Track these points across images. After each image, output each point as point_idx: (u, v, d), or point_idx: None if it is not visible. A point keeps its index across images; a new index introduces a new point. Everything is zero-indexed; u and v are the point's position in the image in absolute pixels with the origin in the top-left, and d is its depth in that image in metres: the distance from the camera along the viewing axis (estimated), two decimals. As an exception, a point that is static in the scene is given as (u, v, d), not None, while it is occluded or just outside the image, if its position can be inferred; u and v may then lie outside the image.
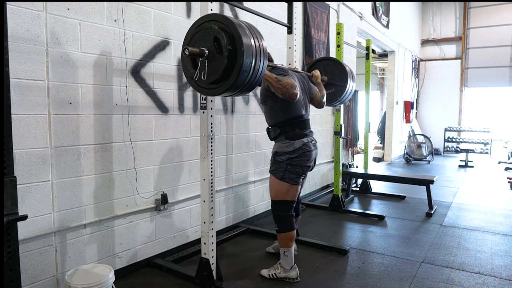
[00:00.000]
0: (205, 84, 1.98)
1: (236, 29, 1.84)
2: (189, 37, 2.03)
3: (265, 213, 4.30)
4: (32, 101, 2.09)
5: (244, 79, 1.90)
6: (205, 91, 2.02)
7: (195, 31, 1.99)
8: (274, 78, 2.36)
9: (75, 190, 2.35)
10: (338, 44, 4.90)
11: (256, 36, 1.94)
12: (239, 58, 1.84)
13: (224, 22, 1.90)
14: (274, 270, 2.67)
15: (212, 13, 2.04)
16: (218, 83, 1.94)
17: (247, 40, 1.86)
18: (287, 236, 2.57)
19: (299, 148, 2.53)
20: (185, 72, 2.08)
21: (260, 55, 1.92)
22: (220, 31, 1.87)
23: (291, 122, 2.57)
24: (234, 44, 1.85)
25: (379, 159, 9.16)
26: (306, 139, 2.57)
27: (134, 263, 2.78)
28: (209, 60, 1.93)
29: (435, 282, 2.69)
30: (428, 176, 4.87)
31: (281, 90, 2.37)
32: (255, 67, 1.91)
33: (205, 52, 1.91)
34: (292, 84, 2.37)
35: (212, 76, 1.93)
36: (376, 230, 3.88)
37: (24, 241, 2.09)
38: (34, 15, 2.07)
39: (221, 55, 1.87)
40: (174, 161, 3.03)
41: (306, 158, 2.57)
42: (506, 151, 9.72)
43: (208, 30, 1.92)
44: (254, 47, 1.89)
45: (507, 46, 10.28)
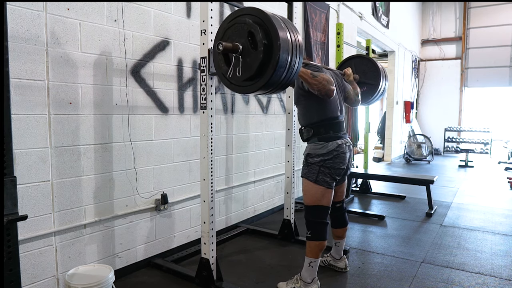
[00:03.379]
0: (239, 81, 1.89)
1: (271, 22, 1.75)
2: (221, 32, 1.95)
3: (265, 213, 4.30)
4: (32, 101, 2.09)
5: (280, 75, 1.81)
6: (239, 89, 1.94)
7: (228, 26, 1.90)
8: (309, 74, 2.22)
9: (75, 190, 2.35)
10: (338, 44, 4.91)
11: (292, 30, 1.85)
12: (275, 53, 1.75)
13: (258, 16, 1.81)
14: (294, 284, 2.45)
15: (246, 7, 1.94)
16: (252, 80, 1.85)
17: (283, 34, 1.76)
18: (318, 246, 2.37)
19: (332, 150, 2.38)
20: (217, 69, 1.99)
21: (297, 50, 1.83)
22: (255, 24, 1.78)
23: (326, 123, 2.44)
24: (269, 38, 1.76)
25: (379, 159, 9.16)
26: (340, 141, 2.43)
27: (134, 263, 2.78)
28: (243, 56, 1.84)
29: (435, 282, 2.69)
30: (428, 176, 4.87)
31: (317, 86, 2.23)
32: (291, 62, 1.82)
33: (239, 47, 1.82)
34: (328, 80, 2.24)
35: (246, 72, 1.83)
36: (376, 230, 3.88)
37: (24, 241, 2.09)
38: (34, 15, 2.07)
39: (255, 50, 1.78)
40: (174, 161, 3.03)
41: (340, 160, 2.41)
42: (506, 151, 9.72)
43: (241, 25, 1.83)
44: (290, 42, 1.79)
45: (507, 46, 10.27)
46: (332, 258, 2.84)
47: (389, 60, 9.22)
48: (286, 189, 3.47)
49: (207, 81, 2.31)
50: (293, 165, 3.42)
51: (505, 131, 10.57)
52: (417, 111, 11.54)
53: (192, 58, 3.13)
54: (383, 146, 9.33)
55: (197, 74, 3.19)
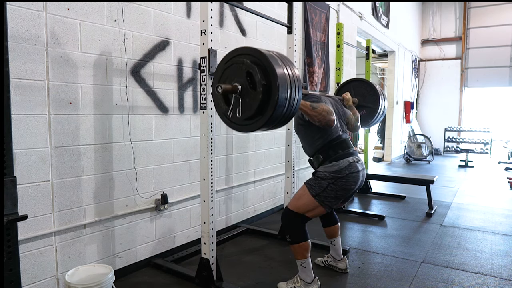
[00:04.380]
0: (239, 120, 1.91)
1: (269, 62, 1.77)
2: (220, 72, 1.97)
3: (265, 213, 4.30)
4: (32, 101, 2.09)
5: (280, 113, 1.83)
6: (241, 128, 1.96)
7: (226, 66, 1.93)
8: (309, 106, 2.24)
9: (75, 190, 2.35)
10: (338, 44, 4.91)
11: (289, 66, 1.87)
12: (274, 93, 1.77)
13: (256, 55, 1.83)
14: (294, 283, 2.45)
15: (242, 47, 1.97)
16: (252, 119, 1.87)
17: (281, 73, 1.78)
18: (302, 247, 2.35)
19: (344, 168, 2.31)
20: (217, 108, 2.01)
21: (295, 87, 1.85)
22: (253, 65, 1.80)
23: (331, 144, 2.40)
24: (268, 78, 1.78)
25: (379, 159, 9.16)
26: (351, 158, 2.37)
27: (134, 263, 2.78)
28: (243, 96, 1.85)
29: (435, 282, 2.69)
30: (428, 176, 4.87)
31: (317, 118, 2.25)
32: (290, 99, 1.84)
33: (238, 88, 1.85)
34: (328, 111, 2.26)
35: (246, 112, 1.86)
36: (376, 230, 3.88)
37: (24, 241, 2.09)
38: (34, 15, 2.07)
39: (255, 91, 1.80)
40: (174, 161, 3.03)
41: (353, 180, 2.34)
42: (506, 151, 9.72)
43: (240, 65, 1.85)
44: (288, 80, 1.81)
45: (507, 46, 10.27)
46: (333, 258, 2.84)
47: (389, 60, 9.22)
48: (286, 189, 3.46)
49: (207, 81, 2.31)
50: (293, 165, 3.42)
51: (505, 131, 10.57)
52: (417, 111, 11.53)
53: (192, 58, 3.13)
54: (383, 146, 9.33)
55: (197, 74, 3.19)
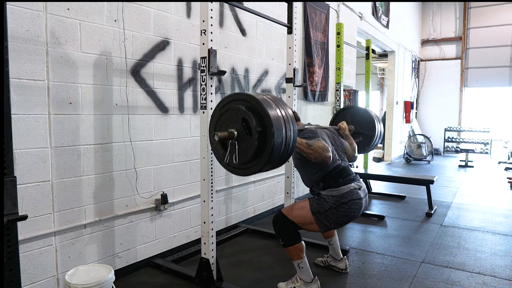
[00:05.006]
0: (237, 165, 1.94)
1: (264, 108, 1.80)
2: (216, 117, 2.00)
3: (265, 213, 4.30)
4: (32, 101, 2.09)
5: (277, 157, 1.86)
6: (238, 171, 1.98)
7: (222, 111, 1.96)
8: (305, 144, 2.25)
9: (75, 190, 2.35)
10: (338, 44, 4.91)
11: (282, 107, 1.90)
12: (269, 140, 1.80)
13: (250, 101, 1.86)
14: (293, 283, 2.46)
15: (237, 93, 1.98)
16: (250, 163, 1.90)
17: (275, 118, 1.81)
18: (296, 249, 2.36)
19: (346, 193, 2.30)
20: (215, 153, 2.05)
21: (290, 129, 1.89)
22: (248, 111, 1.83)
23: (331, 174, 2.39)
24: (263, 125, 1.81)
25: (379, 159, 9.15)
26: (353, 185, 2.36)
27: (134, 263, 2.78)
28: (239, 141, 1.89)
29: (435, 282, 2.69)
30: (428, 176, 4.87)
31: (313, 156, 2.25)
32: (286, 143, 1.86)
33: (234, 134, 1.88)
34: (323, 147, 2.25)
35: (242, 158, 1.89)
36: (376, 230, 3.88)
37: (24, 241, 2.09)
38: (34, 15, 2.07)
39: (250, 136, 1.83)
40: (174, 161, 3.03)
41: (356, 207, 2.32)
42: (506, 151, 9.72)
43: (235, 111, 1.88)
44: (283, 122, 1.84)
45: (507, 46, 10.28)
46: (332, 258, 2.84)
47: (389, 60, 9.22)
48: (286, 189, 3.46)
49: (207, 81, 2.31)
50: (293, 165, 3.41)
51: (505, 131, 10.57)
52: (417, 111, 11.54)
53: (192, 58, 3.13)
54: (383, 146, 9.33)
55: (197, 74, 3.18)
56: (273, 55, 4.20)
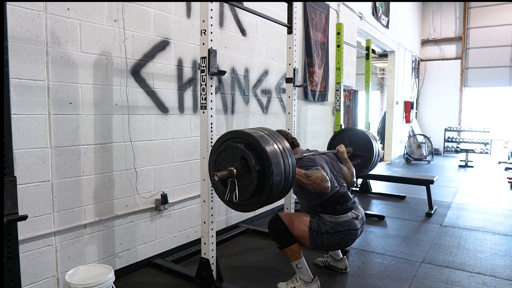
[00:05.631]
0: (237, 202, 1.96)
1: (262, 147, 1.83)
2: (215, 155, 2.03)
3: (265, 213, 4.30)
4: (32, 101, 2.09)
5: (277, 193, 1.89)
6: (239, 208, 2.00)
7: (221, 149, 1.99)
8: (303, 174, 2.27)
9: (75, 190, 2.35)
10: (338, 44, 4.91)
11: (279, 141, 1.93)
12: (269, 178, 1.82)
13: (248, 140, 1.89)
14: (293, 283, 2.47)
15: (234, 131, 2.02)
16: (250, 200, 1.93)
17: (273, 154, 1.83)
18: (292, 250, 2.39)
19: (343, 223, 2.34)
20: (216, 191, 2.08)
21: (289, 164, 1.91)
22: (246, 150, 1.85)
23: (328, 202, 2.41)
24: (262, 163, 1.84)
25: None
26: (351, 214, 2.39)
27: (134, 263, 2.78)
28: (239, 179, 1.91)
29: (435, 282, 2.69)
30: (428, 176, 4.87)
31: (312, 186, 2.27)
32: (285, 179, 1.90)
33: (233, 172, 1.90)
34: (322, 178, 2.27)
35: (243, 196, 1.91)
36: (376, 230, 3.88)
37: (24, 241, 2.09)
38: (34, 15, 2.07)
39: (250, 175, 1.86)
40: (174, 161, 3.03)
41: (351, 237, 2.38)
42: (506, 151, 9.72)
43: (234, 149, 1.91)
44: (281, 159, 1.86)
45: (507, 46, 10.28)
46: (332, 258, 2.84)
47: (389, 60, 9.22)
48: (286, 189, 3.46)
49: (207, 81, 2.31)
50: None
51: (505, 131, 10.57)
52: (417, 111, 11.54)
53: (192, 58, 3.13)
54: (383, 146, 9.33)
55: (197, 74, 3.18)
56: (273, 55, 4.20)
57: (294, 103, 3.34)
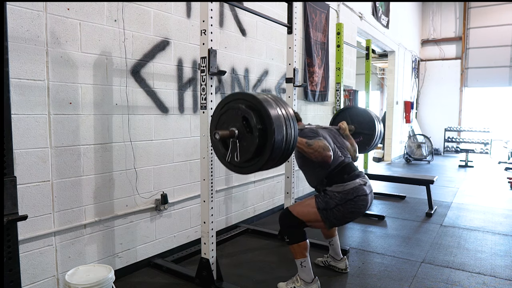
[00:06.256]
0: (238, 163, 1.95)
1: (264, 106, 1.81)
2: (216, 118, 2.01)
3: (265, 213, 4.30)
4: (32, 101, 2.09)
5: (278, 154, 1.87)
6: (239, 170, 1.99)
7: (222, 112, 1.98)
8: (305, 143, 2.25)
9: (75, 190, 2.35)
10: (338, 44, 4.91)
11: (283, 107, 1.91)
12: (270, 137, 1.80)
13: (250, 100, 1.87)
14: (294, 283, 2.45)
15: (237, 92, 2.00)
16: (251, 161, 1.91)
17: (276, 116, 1.82)
18: (301, 247, 2.37)
19: (352, 189, 2.30)
20: (216, 153, 2.05)
21: (291, 127, 1.89)
22: (248, 110, 1.84)
23: (335, 172, 2.38)
24: (263, 122, 1.82)
25: (379, 159, 9.16)
26: (359, 180, 2.35)
27: (134, 263, 2.78)
28: (240, 140, 1.90)
29: (435, 282, 2.69)
30: (428, 176, 4.87)
31: (313, 155, 2.25)
32: (287, 140, 1.87)
33: (235, 132, 1.89)
34: (324, 147, 2.25)
35: (244, 156, 1.90)
36: (376, 230, 3.88)
37: (24, 241, 2.09)
38: (34, 15, 2.07)
39: (251, 135, 1.84)
40: (174, 161, 3.03)
41: (362, 203, 2.32)
42: (506, 151, 9.72)
43: (235, 110, 1.90)
44: (283, 121, 1.85)
45: (507, 46, 10.27)
46: (332, 258, 2.84)
47: (389, 60, 9.22)
48: (286, 189, 3.47)
49: (207, 81, 2.31)
50: (293, 165, 3.42)
51: (505, 131, 10.56)
52: (417, 111, 11.54)
53: (192, 58, 3.13)
54: (383, 146, 9.33)
55: (197, 74, 3.18)
56: (273, 55, 4.20)
57: (294, 103, 3.34)
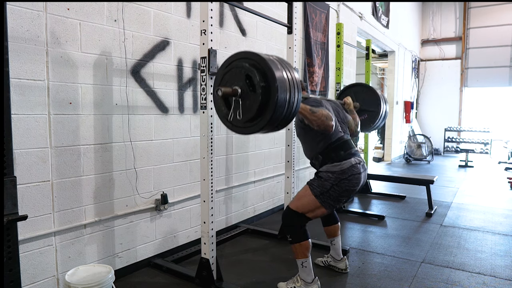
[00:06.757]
0: (240, 123, 1.94)
1: (268, 65, 1.80)
2: (219, 77, 2.01)
3: (265, 213, 4.30)
4: (32, 101, 2.09)
5: (280, 114, 1.86)
6: (241, 130, 1.98)
7: (226, 71, 1.96)
8: (308, 110, 2.23)
9: (75, 190, 2.35)
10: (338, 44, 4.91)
11: (288, 69, 1.90)
12: (273, 94, 1.79)
13: (254, 59, 1.86)
14: (294, 283, 2.44)
15: (241, 51, 1.98)
16: (253, 121, 1.90)
17: (280, 75, 1.81)
18: (303, 246, 2.36)
19: (347, 169, 2.32)
20: (218, 112, 2.05)
21: (294, 88, 1.88)
22: (252, 68, 1.83)
23: (332, 146, 2.39)
24: (267, 80, 1.81)
25: (379, 159, 9.16)
26: (354, 159, 2.37)
27: (134, 263, 2.78)
28: (243, 99, 1.89)
29: (435, 282, 2.70)
30: (428, 176, 4.87)
31: (316, 122, 2.23)
32: (290, 101, 1.86)
33: (238, 91, 1.88)
34: (327, 116, 2.24)
35: (247, 114, 1.89)
36: (376, 230, 3.88)
37: (24, 241, 2.09)
38: (34, 15, 2.07)
39: (254, 93, 1.83)
40: (174, 161, 3.03)
41: (356, 181, 2.35)
42: (506, 151, 9.72)
43: (239, 69, 1.89)
44: (287, 81, 1.85)
45: (507, 46, 10.27)
46: (332, 258, 2.84)
47: (389, 60, 9.22)
48: (286, 189, 3.47)
49: (207, 81, 2.32)
50: (293, 165, 3.42)
51: (505, 131, 10.56)
52: (417, 111, 11.54)
53: (192, 58, 3.13)
54: (383, 146, 9.33)
55: (197, 74, 3.19)
56: (273, 55, 4.20)
57: (294, 103, 3.33)
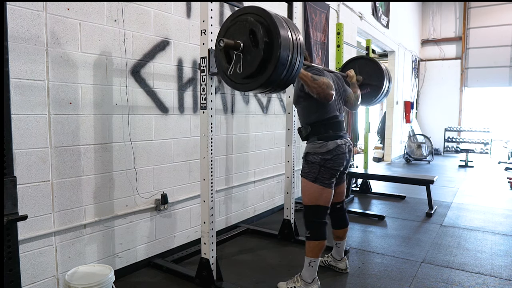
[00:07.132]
0: (239, 79, 1.90)
1: (273, 20, 1.77)
2: (224, 30, 1.97)
3: (265, 213, 4.30)
4: (32, 101, 2.09)
5: (281, 74, 1.81)
6: (239, 86, 1.96)
7: (231, 24, 1.93)
8: (310, 77, 2.22)
9: (75, 190, 2.35)
10: (338, 44, 4.91)
11: (293, 30, 1.86)
12: (275, 51, 1.76)
13: (260, 14, 1.82)
14: (294, 283, 2.44)
15: (248, 6, 1.95)
16: (253, 78, 1.86)
17: (284, 32, 1.77)
18: (318, 245, 2.37)
19: (332, 150, 2.37)
20: (218, 66, 2.01)
21: (297, 50, 1.84)
22: (256, 23, 1.80)
23: (325, 122, 2.44)
24: (270, 36, 1.77)
25: (379, 159, 9.15)
26: (340, 141, 2.42)
27: (134, 263, 2.78)
28: (244, 54, 1.85)
29: (435, 282, 2.69)
30: (428, 176, 4.87)
31: (316, 90, 2.23)
32: (291, 61, 1.82)
33: (240, 45, 1.84)
34: (328, 84, 2.25)
35: (247, 69, 1.84)
36: (376, 230, 3.88)
37: (24, 241, 2.09)
38: (34, 15, 2.07)
39: (257, 48, 1.79)
40: (174, 161, 3.03)
41: (340, 161, 2.41)
42: (506, 151, 9.72)
43: (243, 23, 1.84)
44: (291, 40, 1.81)
45: (507, 46, 10.27)
46: (333, 258, 2.84)
47: (389, 60, 9.21)
48: (286, 189, 3.47)
49: (207, 81, 2.32)
50: (293, 165, 3.42)
51: (505, 131, 10.56)
52: (417, 111, 11.54)
53: (192, 58, 3.13)
54: (383, 146, 9.33)
55: (197, 74, 3.19)
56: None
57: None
